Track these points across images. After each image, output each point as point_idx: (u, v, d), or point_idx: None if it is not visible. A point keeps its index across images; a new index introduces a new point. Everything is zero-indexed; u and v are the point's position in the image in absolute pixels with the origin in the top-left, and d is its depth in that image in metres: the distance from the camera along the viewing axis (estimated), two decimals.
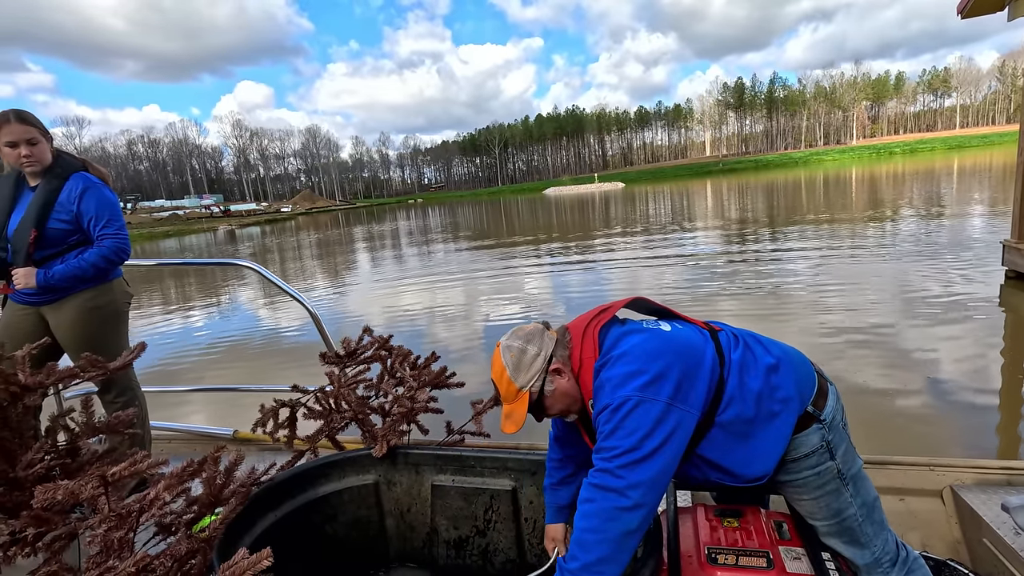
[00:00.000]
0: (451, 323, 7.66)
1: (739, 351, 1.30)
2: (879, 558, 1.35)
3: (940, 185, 23.01)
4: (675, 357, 1.21)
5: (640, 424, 1.14)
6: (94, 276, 2.26)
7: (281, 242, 30.59)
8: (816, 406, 1.28)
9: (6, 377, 1.35)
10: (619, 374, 1.20)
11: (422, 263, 15.24)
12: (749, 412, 1.23)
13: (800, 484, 1.32)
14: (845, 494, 1.31)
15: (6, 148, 2.14)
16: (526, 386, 1.31)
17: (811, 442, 1.27)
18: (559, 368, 1.32)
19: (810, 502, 1.33)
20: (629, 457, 1.13)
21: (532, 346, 1.33)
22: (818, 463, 1.28)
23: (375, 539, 1.87)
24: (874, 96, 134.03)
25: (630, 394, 1.16)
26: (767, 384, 1.25)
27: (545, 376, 1.32)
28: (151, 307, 11.18)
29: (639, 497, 1.12)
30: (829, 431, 1.28)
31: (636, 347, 1.23)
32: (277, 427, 2.06)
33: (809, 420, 1.27)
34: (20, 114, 2.16)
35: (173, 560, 1.04)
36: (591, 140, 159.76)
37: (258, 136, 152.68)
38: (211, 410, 4.80)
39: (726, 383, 1.24)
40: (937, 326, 5.44)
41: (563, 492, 1.56)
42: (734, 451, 1.25)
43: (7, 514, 1.22)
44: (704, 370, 1.23)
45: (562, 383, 1.32)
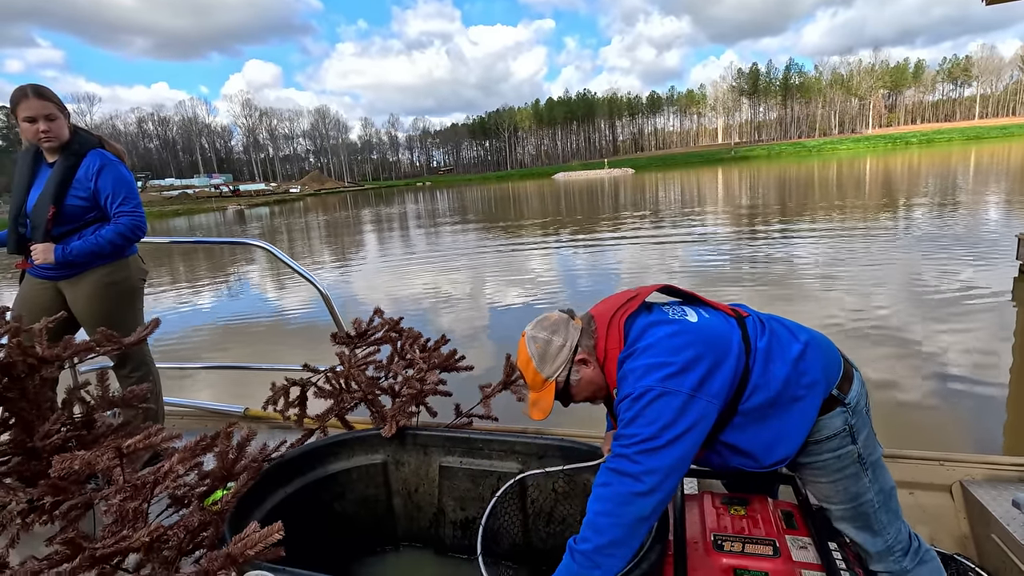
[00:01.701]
0: (460, 307, 7.68)
1: (765, 339, 1.29)
2: (891, 546, 1.35)
3: (956, 177, 22.65)
4: (700, 349, 1.21)
5: (661, 414, 1.14)
6: (111, 253, 2.28)
7: (290, 223, 30.67)
8: (841, 389, 1.28)
9: (24, 349, 1.37)
10: (643, 365, 1.20)
11: (431, 246, 15.24)
12: (774, 399, 1.23)
13: (819, 466, 1.32)
14: (864, 479, 1.31)
15: (24, 123, 2.15)
16: (552, 376, 1.33)
17: (834, 425, 1.27)
18: (584, 358, 1.33)
19: (828, 485, 1.34)
20: (647, 445, 1.14)
21: (558, 337, 1.33)
22: (839, 446, 1.29)
23: (383, 518, 1.89)
24: (892, 84, 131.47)
25: (652, 384, 1.17)
26: (793, 370, 1.25)
27: (571, 366, 1.33)
28: (163, 285, 11.28)
29: (655, 483, 1.13)
30: (852, 415, 1.28)
31: (661, 339, 1.23)
32: (288, 405, 2.08)
33: (833, 403, 1.27)
34: (38, 89, 2.17)
35: (186, 531, 1.06)
36: (602, 125, 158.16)
37: (267, 116, 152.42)
38: (223, 388, 4.86)
39: (751, 372, 1.24)
40: (948, 320, 5.39)
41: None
42: (758, 437, 1.26)
43: (25, 483, 1.25)
44: (729, 361, 1.22)
45: (588, 372, 1.33)
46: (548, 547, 1.74)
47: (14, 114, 2.17)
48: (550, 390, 1.34)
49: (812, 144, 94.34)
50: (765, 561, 1.21)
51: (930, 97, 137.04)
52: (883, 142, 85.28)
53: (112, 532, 1.01)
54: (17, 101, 2.14)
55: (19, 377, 1.35)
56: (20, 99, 2.13)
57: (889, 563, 1.36)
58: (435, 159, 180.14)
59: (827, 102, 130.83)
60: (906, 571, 1.36)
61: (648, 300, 1.40)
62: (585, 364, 1.33)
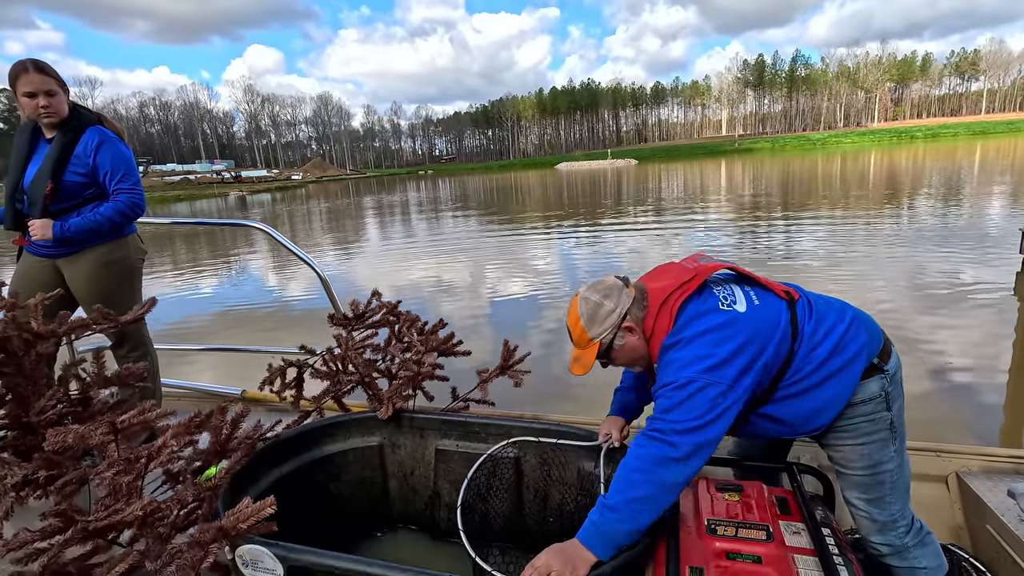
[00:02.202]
0: (458, 294, 7.67)
1: (812, 322, 1.33)
2: (896, 520, 1.38)
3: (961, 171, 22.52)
4: (746, 339, 1.25)
5: (700, 405, 1.19)
6: (109, 230, 2.27)
7: (292, 209, 30.60)
8: (880, 359, 1.33)
9: (20, 325, 1.36)
10: (688, 356, 1.24)
11: (431, 235, 15.21)
12: (815, 377, 1.29)
13: (849, 429, 1.35)
14: (890, 448, 1.35)
15: (24, 98, 2.13)
16: (598, 337, 1.37)
17: (871, 389, 1.32)
18: (631, 327, 1.37)
19: (852, 447, 1.37)
20: (684, 427, 1.19)
21: (609, 301, 1.37)
22: (874, 411, 1.33)
23: (378, 500, 1.90)
24: (899, 78, 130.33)
25: (695, 376, 1.20)
26: (837, 349, 1.29)
27: (617, 332, 1.37)
28: (163, 268, 11.27)
29: (689, 453, 1.19)
30: (890, 383, 1.33)
31: (709, 330, 1.26)
32: (284, 387, 2.08)
33: (873, 370, 1.32)
34: (38, 64, 2.14)
35: (180, 506, 1.06)
36: (605, 115, 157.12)
37: (269, 102, 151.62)
38: (220, 370, 4.87)
39: (795, 355, 1.29)
40: (949, 312, 5.38)
41: (632, 395, 1.67)
42: (797, 409, 1.31)
43: (20, 457, 1.25)
44: (772, 347, 1.27)
45: (632, 340, 1.38)
46: (543, 532, 1.75)
47: (13, 89, 2.15)
48: (593, 349, 1.39)
49: (817, 137, 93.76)
50: (758, 545, 1.21)
51: (937, 91, 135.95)
52: (888, 136, 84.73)
53: (105, 506, 1.01)
54: (16, 76, 2.12)
55: (15, 352, 1.34)
56: (20, 73, 2.11)
57: (891, 536, 1.38)
58: (437, 147, 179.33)
59: (833, 95, 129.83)
60: (907, 547, 1.39)
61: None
62: (631, 332, 1.37)
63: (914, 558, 1.39)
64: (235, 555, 1.14)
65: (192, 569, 1.01)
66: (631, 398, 1.68)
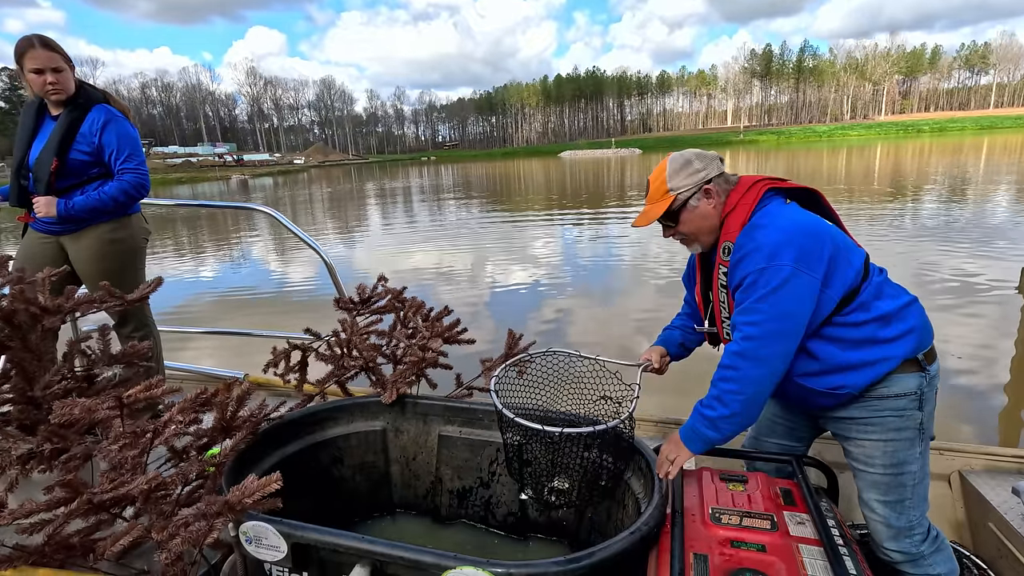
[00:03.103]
0: (463, 281, 7.66)
1: (882, 276, 1.36)
2: (913, 527, 1.36)
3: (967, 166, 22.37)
4: (831, 241, 1.26)
5: (788, 297, 1.22)
6: (113, 209, 2.26)
7: (294, 194, 30.51)
8: (927, 358, 1.32)
9: (27, 299, 1.36)
10: (774, 241, 1.25)
11: (435, 222, 15.17)
12: (866, 330, 1.29)
13: (876, 422, 1.34)
14: (916, 449, 1.33)
15: (31, 75, 2.11)
16: (675, 190, 1.39)
17: (907, 384, 1.30)
18: (711, 191, 1.37)
19: (876, 443, 1.35)
20: (772, 326, 1.22)
21: (699, 162, 1.39)
22: (905, 407, 1.31)
23: (380, 484, 1.90)
24: (907, 70, 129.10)
25: (784, 264, 1.22)
26: (897, 312, 1.30)
27: (696, 191, 1.38)
28: (166, 251, 11.27)
29: (773, 360, 1.24)
30: (928, 384, 1.31)
31: (796, 222, 1.28)
32: (288, 370, 2.08)
33: (915, 365, 1.31)
34: (44, 40, 2.12)
35: (184, 482, 1.06)
36: (610, 104, 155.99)
37: (272, 85, 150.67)
38: (224, 355, 4.88)
39: (860, 292, 1.29)
40: (954, 308, 5.37)
41: (678, 334, 1.70)
42: (836, 353, 1.31)
43: (25, 431, 1.25)
44: (848, 266, 1.28)
45: (706, 206, 1.38)
46: (542, 519, 1.75)
47: (19, 65, 2.13)
48: (665, 203, 1.40)
49: (823, 130, 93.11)
50: (762, 535, 1.21)
51: (945, 84, 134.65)
52: (895, 129, 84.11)
53: (110, 479, 1.01)
54: (24, 51, 2.10)
55: (20, 327, 1.34)
56: (27, 49, 2.09)
57: (906, 544, 1.36)
58: (441, 134, 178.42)
59: (840, 86, 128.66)
60: (923, 556, 1.37)
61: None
62: (708, 197, 1.38)
63: (928, 565, 1.37)
64: (239, 531, 1.15)
65: (196, 543, 1.01)
66: (676, 336, 1.69)
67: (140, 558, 1.35)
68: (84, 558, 1.24)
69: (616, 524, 1.52)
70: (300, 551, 1.15)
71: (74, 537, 1.21)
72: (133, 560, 1.33)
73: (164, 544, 0.99)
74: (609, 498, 1.50)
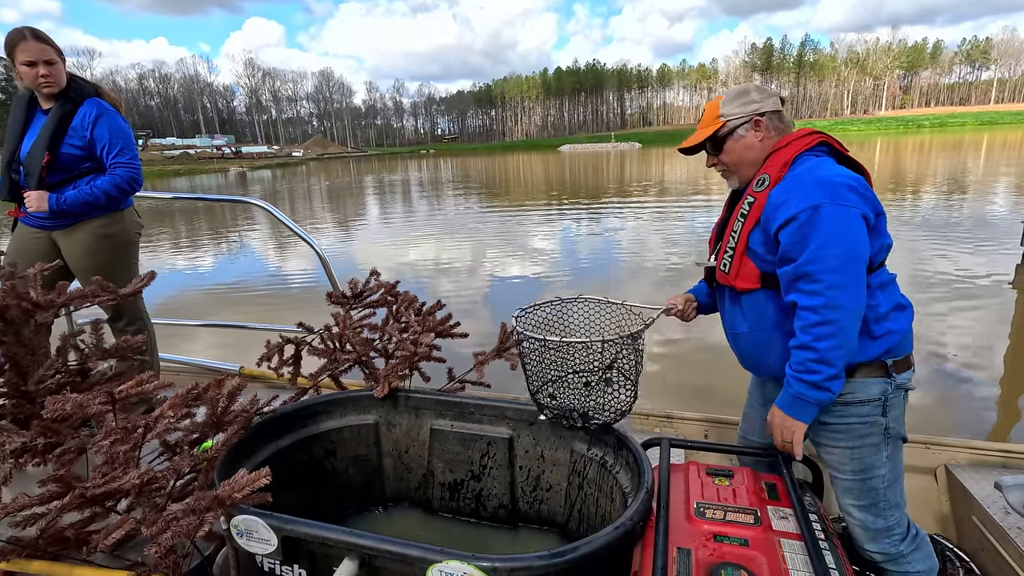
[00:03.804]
0: (456, 275, 7.67)
1: (890, 277, 1.35)
2: (891, 527, 1.37)
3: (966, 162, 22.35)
4: (872, 198, 1.26)
5: (853, 234, 1.20)
6: (105, 204, 2.26)
7: (292, 187, 30.43)
8: (896, 367, 1.31)
9: (19, 294, 1.37)
10: (831, 180, 1.23)
11: (431, 217, 15.15)
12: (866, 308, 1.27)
13: (842, 429, 1.35)
14: (883, 453, 1.34)
15: (23, 67, 2.10)
16: (726, 116, 1.39)
17: (871, 391, 1.31)
18: (761, 123, 1.37)
19: (844, 451, 1.36)
20: (852, 268, 1.20)
21: (757, 94, 1.39)
22: (868, 413, 1.32)
23: (373, 477, 1.92)
24: (908, 65, 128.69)
25: (846, 202, 1.20)
26: (888, 311, 1.30)
27: (746, 122, 1.38)
28: (161, 243, 11.25)
29: (858, 303, 1.21)
30: (892, 391, 1.31)
31: (848, 172, 1.28)
32: (282, 363, 2.09)
33: (882, 371, 1.30)
34: (36, 32, 2.11)
35: (176, 476, 1.07)
36: (610, 97, 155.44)
37: (271, 77, 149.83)
38: (219, 348, 4.89)
39: (870, 276, 1.28)
40: (946, 304, 5.39)
41: (705, 292, 1.67)
42: None
43: (19, 425, 1.26)
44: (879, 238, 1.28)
45: (754, 138, 1.38)
46: (532, 511, 1.77)
47: (10, 57, 2.12)
48: (713, 127, 1.40)
49: (823, 124, 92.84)
50: (746, 529, 1.23)
51: (946, 79, 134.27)
52: (895, 124, 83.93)
53: (102, 473, 1.02)
54: (15, 44, 2.09)
55: (13, 321, 1.35)
56: (19, 41, 2.08)
57: (885, 544, 1.38)
58: (440, 127, 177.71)
59: (841, 81, 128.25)
60: (903, 555, 1.39)
61: None
62: (757, 129, 1.37)
63: (908, 563, 1.39)
64: (230, 525, 1.16)
65: (187, 537, 1.03)
66: (705, 290, 1.67)
67: (134, 550, 1.37)
68: (78, 551, 1.25)
69: (604, 516, 1.54)
70: (290, 544, 1.17)
71: (68, 530, 1.23)
72: (127, 552, 1.35)
73: (155, 538, 1.00)
74: (606, 385, 1.49)
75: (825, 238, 1.19)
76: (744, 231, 1.35)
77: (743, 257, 1.36)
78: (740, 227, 1.36)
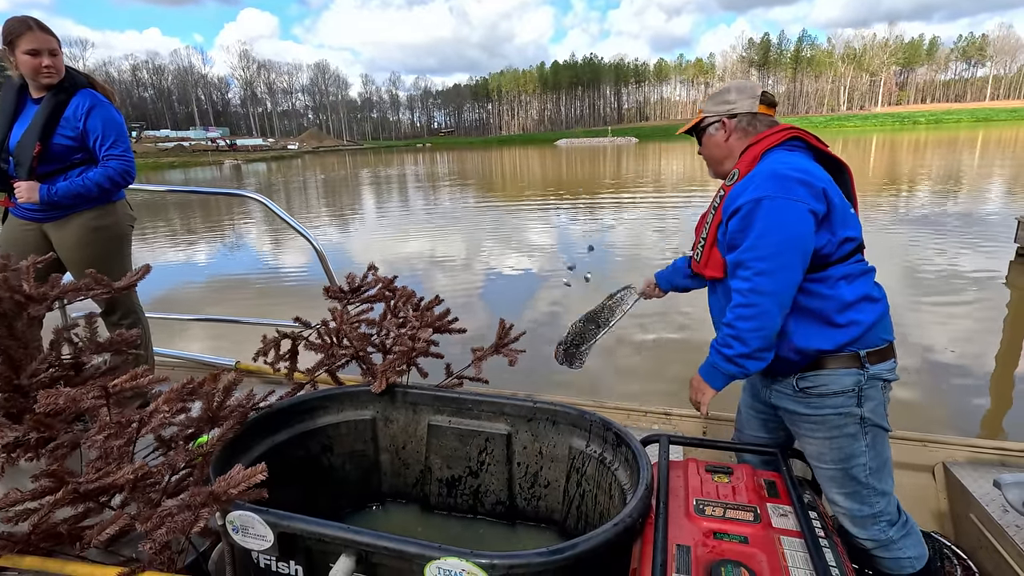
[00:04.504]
0: (454, 272, 7.65)
1: (862, 267, 1.36)
2: (877, 514, 1.39)
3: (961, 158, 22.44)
4: (826, 192, 1.28)
5: (789, 227, 1.25)
6: (98, 196, 2.23)
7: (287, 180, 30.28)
8: (870, 358, 1.33)
9: (11, 287, 1.35)
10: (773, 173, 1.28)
11: (428, 211, 15.11)
12: (826, 302, 1.31)
13: (819, 420, 1.37)
14: (861, 442, 1.35)
15: (24, 56, 2.08)
16: (705, 112, 1.52)
17: (843, 382, 1.33)
18: (728, 124, 1.47)
19: (822, 441, 1.39)
20: (782, 259, 1.26)
21: (734, 95, 1.48)
22: (843, 404, 1.34)
23: (370, 473, 1.91)
24: (904, 61, 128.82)
25: (780, 195, 1.25)
26: (855, 300, 1.32)
27: (716, 121, 1.49)
28: (156, 236, 11.18)
29: (784, 292, 1.27)
30: (867, 382, 1.33)
31: (798, 163, 1.31)
32: (278, 358, 2.07)
33: (854, 362, 1.32)
34: (40, 23, 2.11)
35: (171, 471, 1.06)
36: (607, 92, 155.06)
37: (266, 69, 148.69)
38: (214, 342, 4.87)
39: (831, 265, 1.31)
40: (939, 300, 5.41)
41: (679, 274, 1.85)
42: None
43: (12, 419, 1.24)
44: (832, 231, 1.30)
45: (721, 137, 1.48)
46: (530, 508, 1.77)
47: (10, 46, 2.09)
48: (695, 121, 1.55)
49: (819, 120, 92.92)
50: (745, 526, 1.23)
51: (942, 76, 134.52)
52: (891, 121, 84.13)
53: (96, 468, 1.01)
54: (20, 33, 2.07)
55: (6, 314, 1.33)
56: (24, 31, 2.07)
57: (874, 531, 1.39)
58: (436, 120, 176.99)
59: (837, 77, 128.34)
60: (892, 541, 1.40)
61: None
62: (722, 130, 1.47)
63: (899, 549, 1.41)
64: (226, 521, 1.15)
65: (182, 532, 1.02)
66: (678, 275, 1.84)
67: (128, 545, 1.36)
68: (71, 546, 1.24)
69: (603, 513, 1.54)
70: (286, 541, 1.15)
71: (61, 526, 1.22)
72: (121, 548, 1.34)
73: (150, 534, 0.99)
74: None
75: (762, 229, 1.26)
76: (714, 223, 1.43)
77: (712, 248, 1.44)
78: (711, 219, 1.44)
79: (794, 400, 1.41)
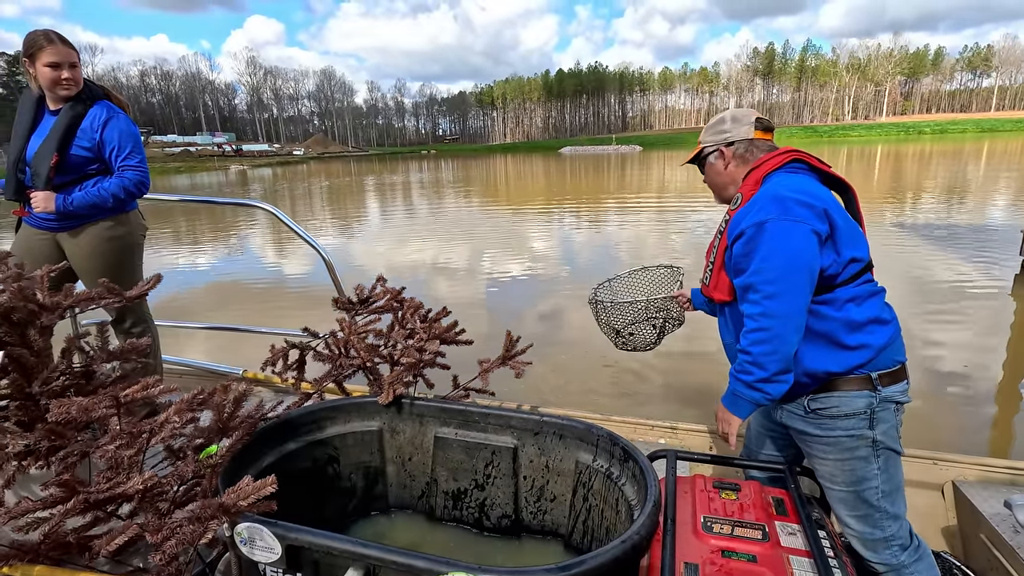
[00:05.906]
0: (461, 282, 7.66)
1: (872, 288, 1.36)
2: (889, 539, 1.37)
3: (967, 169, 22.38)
4: (830, 214, 1.28)
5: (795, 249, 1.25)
6: (113, 206, 2.26)
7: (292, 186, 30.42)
8: (882, 380, 1.32)
9: (25, 295, 1.36)
10: (775, 196, 1.29)
11: (434, 219, 15.14)
12: (834, 324, 1.31)
13: (831, 442, 1.37)
14: (873, 465, 1.35)
15: (45, 68, 2.12)
16: (703, 143, 1.56)
17: (855, 404, 1.32)
18: (726, 153, 1.49)
19: (834, 463, 1.38)
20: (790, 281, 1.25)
21: (729, 124, 1.51)
22: (855, 427, 1.33)
23: (376, 484, 1.91)
24: (909, 71, 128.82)
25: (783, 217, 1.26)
26: (864, 321, 1.32)
27: (715, 150, 1.52)
28: (164, 244, 11.24)
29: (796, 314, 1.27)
30: (879, 404, 1.32)
31: (800, 185, 1.32)
32: (286, 368, 2.08)
33: (866, 384, 1.32)
34: (61, 36, 2.15)
35: (180, 482, 1.06)
36: (611, 100, 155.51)
37: (272, 75, 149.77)
38: (222, 350, 4.88)
39: (837, 287, 1.32)
40: (945, 314, 5.38)
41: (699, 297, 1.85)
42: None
43: (23, 427, 1.25)
44: (837, 251, 1.30)
45: (720, 165, 1.51)
46: (536, 522, 1.76)
47: (31, 58, 2.14)
48: (694, 152, 1.59)
49: (824, 129, 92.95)
50: (753, 544, 1.22)
51: (948, 86, 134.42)
52: (896, 131, 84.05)
53: (107, 478, 1.02)
54: (41, 47, 2.11)
55: (19, 323, 1.34)
56: (45, 45, 2.11)
57: (886, 555, 1.38)
58: (441, 127, 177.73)
59: (842, 86, 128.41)
60: (904, 565, 1.38)
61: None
62: (721, 158, 1.50)
63: (911, 574, 1.39)
64: (234, 532, 1.15)
65: (191, 544, 1.02)
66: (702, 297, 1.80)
67: (136, 555, 1.36)
68: (80, 556, 1.25)
69: (609, 529, 1.53)
70: (294, 553, 1.16)
71: (71, 535, 1.22)
72: (129, 558, 1.34)
73: (159, 545, 0.99)
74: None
75: (767, 251, 1.27)
76: (720, 247, 1.44)
77: (720, 272, 1.45)
78: (718, 243, 1.45)
79: (805, 421, 1.40)
